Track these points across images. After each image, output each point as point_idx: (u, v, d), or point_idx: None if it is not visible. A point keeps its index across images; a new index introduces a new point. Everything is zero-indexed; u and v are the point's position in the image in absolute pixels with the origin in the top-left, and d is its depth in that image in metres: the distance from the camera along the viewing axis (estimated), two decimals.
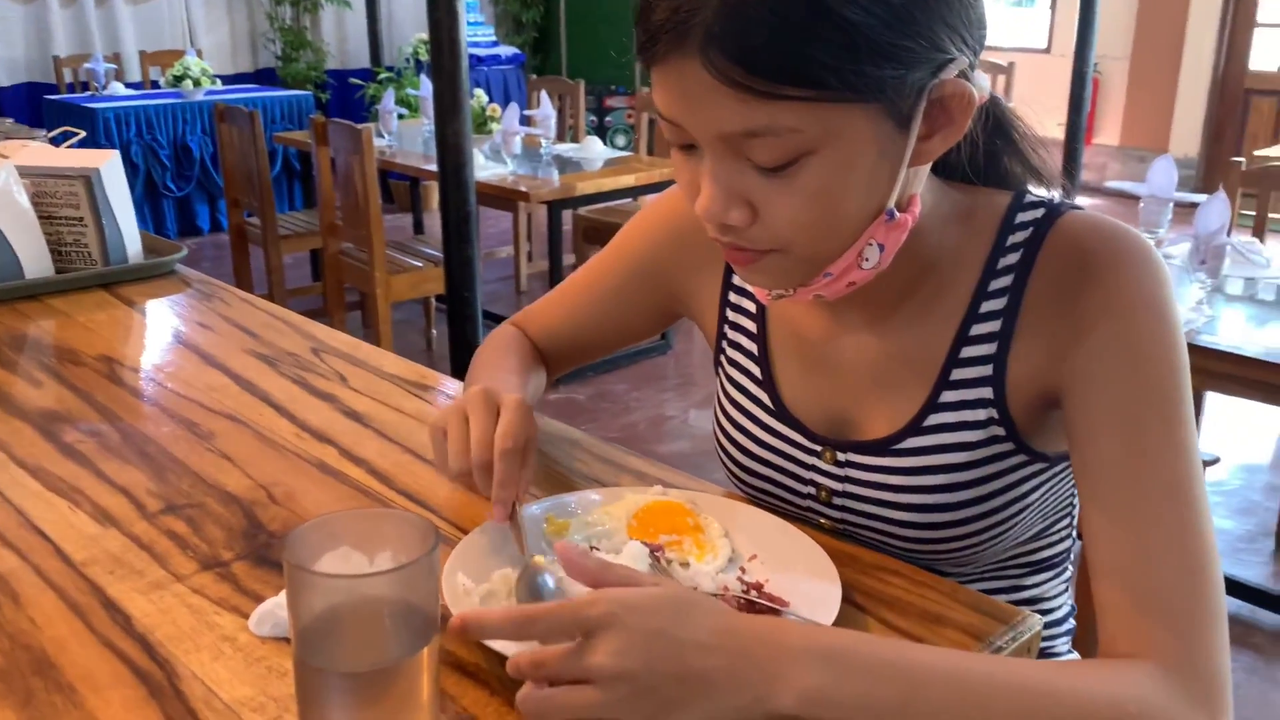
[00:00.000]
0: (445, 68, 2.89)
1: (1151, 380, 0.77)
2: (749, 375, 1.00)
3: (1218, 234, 2.50)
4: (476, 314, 3.11)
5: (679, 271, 1.06)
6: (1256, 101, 6.47)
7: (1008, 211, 0.86)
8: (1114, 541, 0.74)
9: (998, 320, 0.84)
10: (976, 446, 0.86)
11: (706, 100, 0.70)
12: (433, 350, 4.41)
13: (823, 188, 0.73)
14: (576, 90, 5.22)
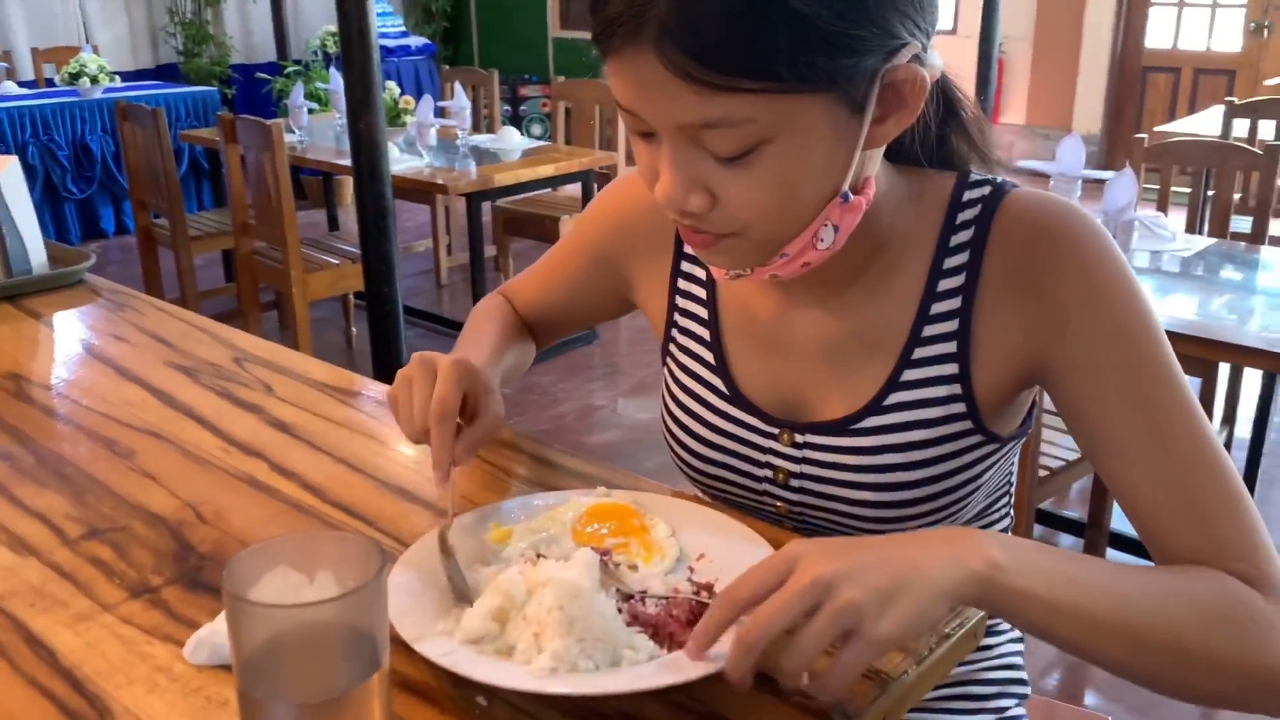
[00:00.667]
0: (356, 60, 2.83)
1: (1147, 351, 0.81)
2: (701, 361, 0.99)
3: (1126, 209, 2.56)
4: (397, 310, 3.06)
5: (628, 259, 1.07)
6: (1153, 78, 6.66)
7: (955, 191, 0.88)
8: (1168, 503, 0.79)
9: (957, 298, 0.86)
10: (936, 424, 0.87)
11: (662, 92, 0.71)
12: (353, 348, 4.33)
13: (779, 175, 0.75)
14: (490, 80, 5.16)
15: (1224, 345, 2.13)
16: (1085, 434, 0.83)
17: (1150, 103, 6.67)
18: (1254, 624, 0.72)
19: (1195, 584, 0.74)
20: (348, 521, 0.94)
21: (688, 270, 1.01)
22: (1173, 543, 0.79)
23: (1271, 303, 2.34)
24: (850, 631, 0.64)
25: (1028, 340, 0.84)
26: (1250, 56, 6.25)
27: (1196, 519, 0.78)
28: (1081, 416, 0.83)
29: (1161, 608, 0.72)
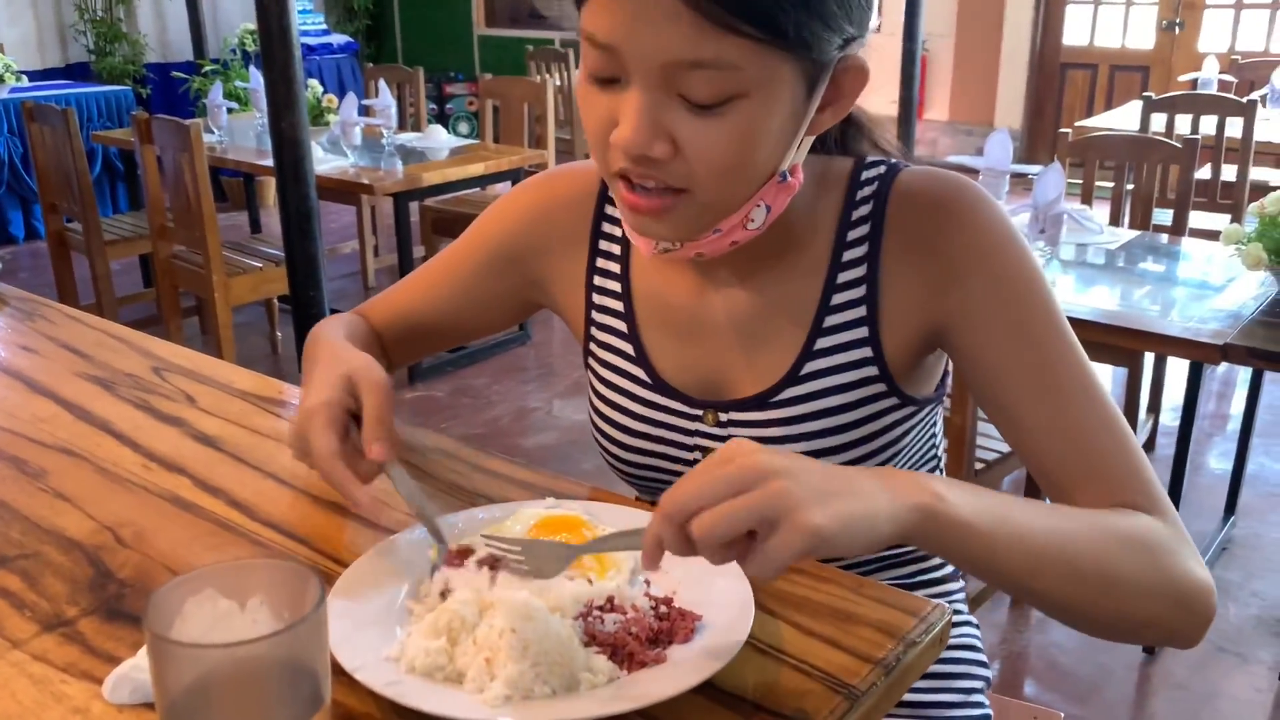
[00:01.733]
0: (277, 58, 2.75)
1: (1034, 303, 0.86)
2: (621, 354, 1.00)
3: (1055, 203, 2.59)
4: (323, 313, 2.98)
5: (540, 258, 1.05)
6: (1071, 74, 6.79)
7: (853, 172, 0.93)
8: (1064, 446, 0.83)
9: (862, 266, 0.90)
10: (852, 388, 0.91)
11: (663, 24, 0.72)
12: (279, 354, 4.22)
13: (745, 131, 0.77)
14: (416, 78, 5.07)
15: (1149, 335, 2.17)
16: (983, 385, 0.88)
17: (1069, 98, 6.80)
18: (1162, 547, 0.78)
19: (1109, 516, 0.78)
20: (280, 541, 0.89)
21: (603, 266, 1.02)
22: (1071, 482, 0.83)
23: (1193, 293, 2.38)
24: (774, 521, 0.61)
25: (928, 299, 0.89)
26: (1163, 53, 6.40)
27: (1092, 459, 0.82)
28: (978, 367, 0.87)
29: (1090, 537, 0.75)
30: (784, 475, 0.63)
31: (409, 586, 0.78)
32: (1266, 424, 3.34)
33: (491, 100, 4.80)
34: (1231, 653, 2.38)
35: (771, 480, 0.62)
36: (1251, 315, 2.14)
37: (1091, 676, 2.34)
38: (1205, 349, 2.05)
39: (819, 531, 0.61)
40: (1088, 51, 6.70)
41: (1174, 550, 0.78)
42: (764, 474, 0.62)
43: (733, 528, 0.61)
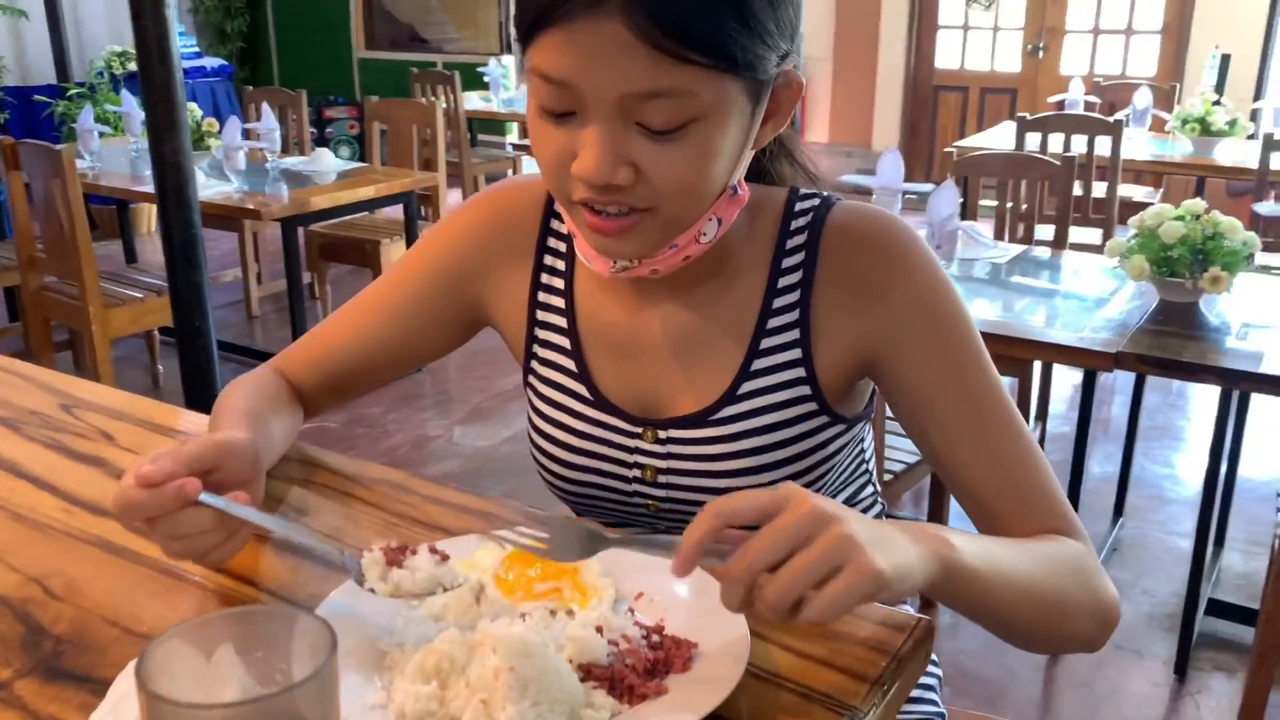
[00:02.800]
0: (157, 81, 2.66)
1: (963, 339, 0.90)
2: (563, 370, 1.01)
3: (949, 220, 2.66)
4: (210, 344, 2.89)
5: (485, 276, 1.05)
6: (944, 96, 7.05)
7: (787, 203, 0.96)
8: (992, 475, 0.88)
9: (795, 292, 0.94)
10: (786, 407, 0.94)
11: (619, 59, 0.74)
12: (161, 387, 4.04)
13: (702, 151, 0.79)
14: (299, 101, 4.94)
15: (1046, 345, 2.24)
16: (912, 418, 0.92)
17: (942, 119, 7.05)
18: (1090, 570, 0.85)
19: (1049, 546, 0.84)
20: (228, 585, 0.83)
21: (546, 282, 1.02)
22: (999, 511, 0.88)
23: (1081, 304, 2.48)
24: (839, 566, 0.62)
25: (858, 330, 0.92)
26: (1028, 75, 6.70)
27: (1019, 489, 0.88)
28: (908, 401, 0.92)
29: (1049, 571, 0.81)
30: (841, 521, 0.64)
31: (378, 628, 0.74)
32: (1145, 428, 3.49)
33: (378, 123, 4.71)
34: (1129, 650, 2.47)
35: (832, 526, 0.63)
36: (1138, 324, 2.23)
37: (999, 679, 2.40)
38: (1099, 357, 2.13)
39: (882, 575, 0.62)
40: (959, 74, 6.96)
41: (1097, 572, 0.85)
42: (823, 520, 0.63)
43: (806, 585, 0.62)
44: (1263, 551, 2.84)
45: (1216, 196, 4.55)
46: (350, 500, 0.98)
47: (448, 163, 4.98)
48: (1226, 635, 2.51)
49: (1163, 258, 2.29)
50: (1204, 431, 3.70)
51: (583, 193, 0.81)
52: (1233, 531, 2.90)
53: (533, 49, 0.78)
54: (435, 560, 0.75)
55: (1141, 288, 2.44)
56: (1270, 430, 3.57)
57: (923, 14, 6.92)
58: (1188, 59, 6.06)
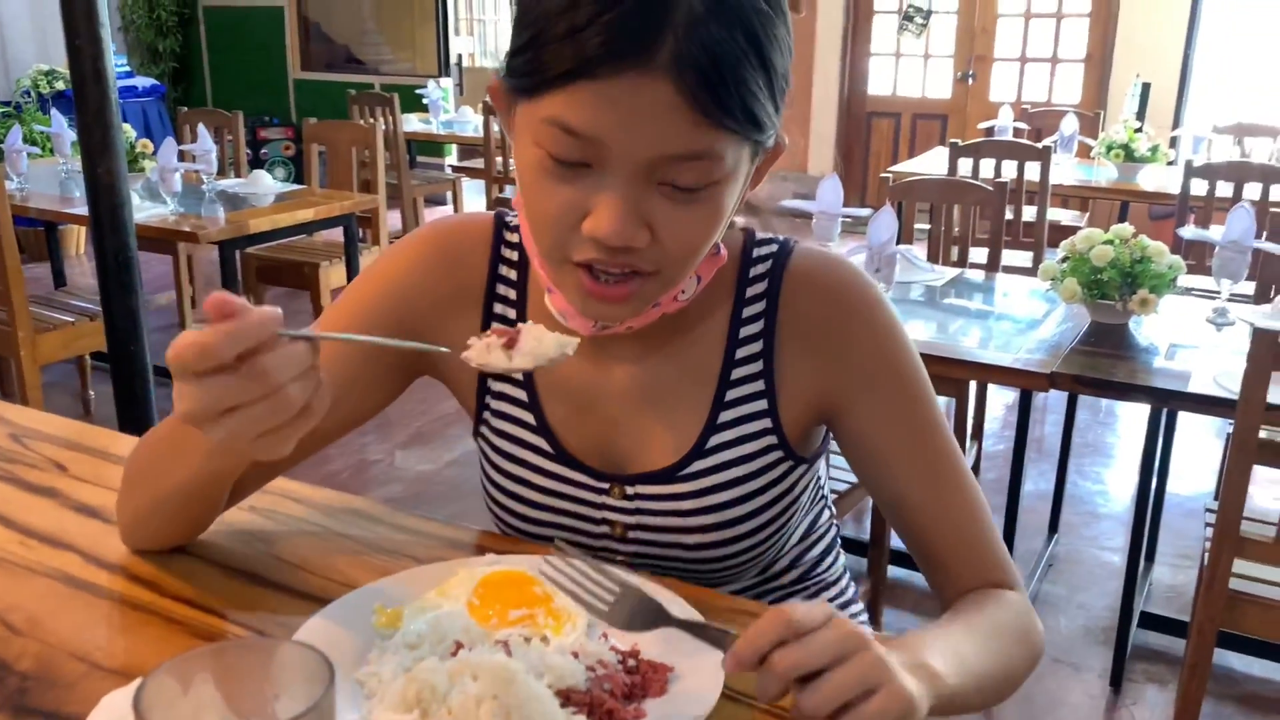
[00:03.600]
0: (91, 102, 2.61)
1: (920, 395, 0.92)
2: (521, 424, 0.97)
3: (888, 244, 2.72)
4: (145, 369, 2.84)
5: (429, 324, 0.97)
6: (876, 122, 7.18)
7: (744, 249, 0.95)
8: (942, 528, 0.92)
9: (758, 342, 0.93)
10: (755, 458, 0.93)
11: (661, 120, 0.72)
12: (93, 414, 3.95)
13: (715, 212, 0.79)
14: (235, 122, 4.88)
15: (984, 366, 2.30)
16: (868, 468, 0.94)
17: (875, 145, 7.18)
18: (1028, 626, 0.89)
19: (998, 616, 0.87)
20: (195, 616, 0.83)
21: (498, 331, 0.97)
22: (947, 562, 0.92)
23: (1015, 325, 2.55)
24: (871, 689, 0.64)
25: (820, 385, 0.93)
26: (959, 102, 6.86)
27: (968, 543, 0.92)
28: (865, 454, 0.94)
29: (1001, 652, 0.84)
30: (875, 646, 0.66)
31: (354, 658, 0.74)
32: (1077, 445, 3.58)
33: (316, 145, 4.67)
34: (1066, 663, 2.53)
35: (869, 650, 0.65)
36: (1071, 345, 2.30)
37: None
38: (1035, 378, 2.20)
39: (913, 701, 0.65)
40: (891, 101, 7.10)
41: (1033, 622, 0.90)
42: (862, 643, 0.65)
43: (842, 700, 0.64)
44: (1190, 565, 2.93)
45: (1139, 219, 4.70)
46: (314, 529, 0.97)
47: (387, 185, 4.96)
48: (1159, 647, 2.58)
49: (1093, 280, 2.37)
50: (1133, 448, 3.81)
51: (589, 253, 0.78)
52: (1162, 546, 2.98)
53: (553, 98, 0.73)
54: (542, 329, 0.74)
55: (1072, 309, 2.51)
56: (1195, 446, 3.68)
57: (856, 41, 7.06)
58: (1110, 87, 6.26)
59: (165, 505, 0.88)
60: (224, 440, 0.65)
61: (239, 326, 0.63)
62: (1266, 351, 1.74)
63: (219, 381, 0.63)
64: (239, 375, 0.63)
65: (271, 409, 0.64)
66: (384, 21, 7.84)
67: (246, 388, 0.63)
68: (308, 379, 0.66)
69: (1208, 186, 3.91)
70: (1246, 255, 2.50)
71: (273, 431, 0.65)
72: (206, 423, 0.64)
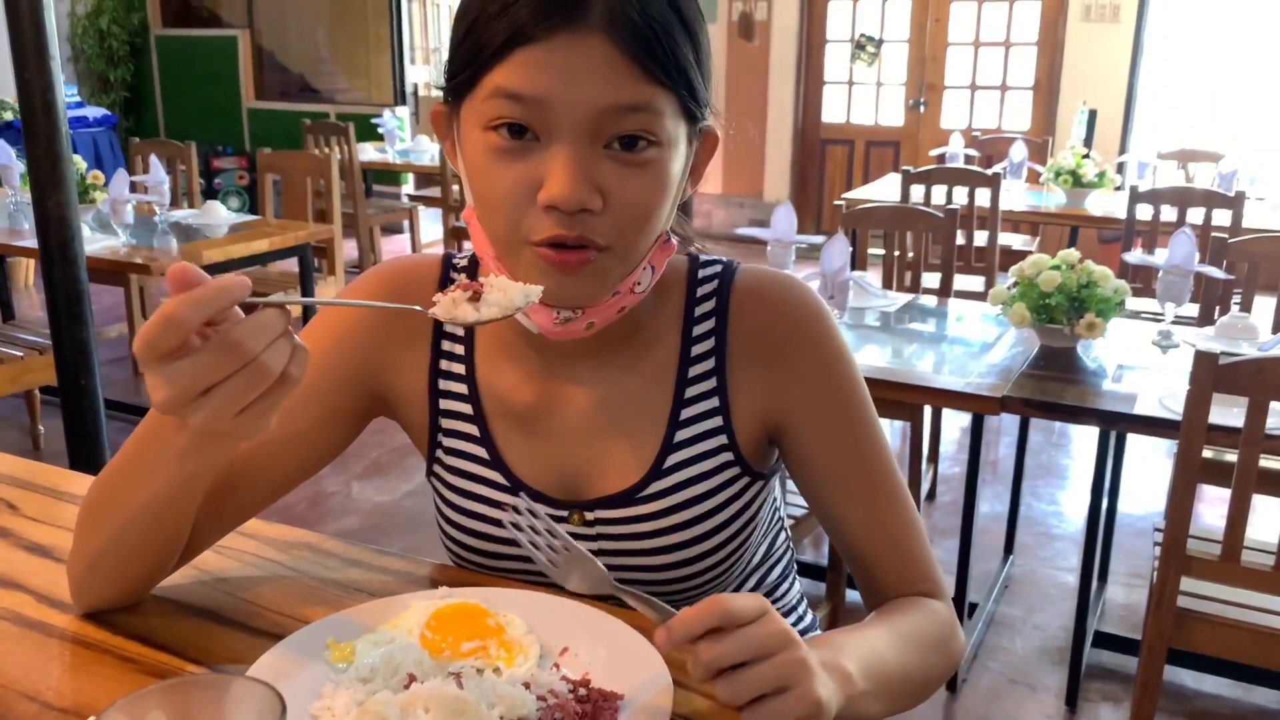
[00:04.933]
0: (41, 134, 2.59)
1: (858, 410, 0.96)
2: (473, 458, 0.97)
3: (841, 271, 2.76)
4: (97, 403, 2.80)
5: (380, 365, 0.97)
6: (831, 149, 7.28)
7: (690, 270, 0.98)
8: (877, 540, 0.95)
9: (709, 360, 0.95)
10: (712, 475, 0.94)
11: (601, 72, 0.77)
12: (43, 450, 3.89)
13: (660, 180, 0.81)
14: (188, 152, 4.85)
15: (936, 390, 2.34)
16: (809, 481, 0.97)
17: (830, 171, 7.28)
18: (949, 633, 0.93)
19: (921, 624, 0.91)
20: (148, 655, 0.82)
21: (446, 368, 0.98)
22: (879, 572, 0.96)
23: (967, 350, 2.59)
24: (785, 688, 0.67)
25: (770, 401, 0.95)
26: (911, 129, 6.98)
27: (901, 555, 0.95)
28: (807, 469, 0.96)
29: (919, 658, 0.88)
30: (800, 647, 0.69)
31: (307, 691, 0.74)
32: (1030, 467, 3.63)
33: (271, 174, 4.65)
34: (1023, 684, 2.56)
35: (791, 650, 0.69)
36: (1021, 369, 2.34)
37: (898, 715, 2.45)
38: (986, 401, 2.23)
39: (820, 705, 0.68)
40: (845, 128, 7.20)
41: (954, 632, 0.94)
42: (788, 642, 0.69)
43: (755, 693, 0.67)
44: (1142, 584, 2.98)
45: (1088, 244, 4.80)
46: (268, 565, 0.97)
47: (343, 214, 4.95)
48: (1112, 666, 2.62)
49: (1041, 305, 2.42)
50: (1085, 469, 3.87)
51: (548, 229, 0.79)
52: (1115, 565, 3.03)
53: (494, 74, 0.78)
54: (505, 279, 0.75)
55: (1022, 334, 2.56)
56: (1144, 467, 3.75)
57: (809, 70, 7.16)
58: (1058, 114, 6.39)
59: (128, 534, 0.82)
60: (205, 422, 0.64)
61: (202, 292, 0.62)
62: (1207, 373, 1.79)
63: (191, 361, 0.63)
64: (210, 350, 0.63)
65: (249, 380, 0.64)
66: (339, 51, 7.84)
67: (220, 361, 0.63)
68: (282, 344, 0.65)
69: (1153, 211, 4.00)
70: (1189, 279, 2.56)
71: (253, 405, 0.65)
72: (184, 407, 0.64)
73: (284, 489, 0.95)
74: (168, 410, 0.64)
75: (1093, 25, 6.24)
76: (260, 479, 0.93)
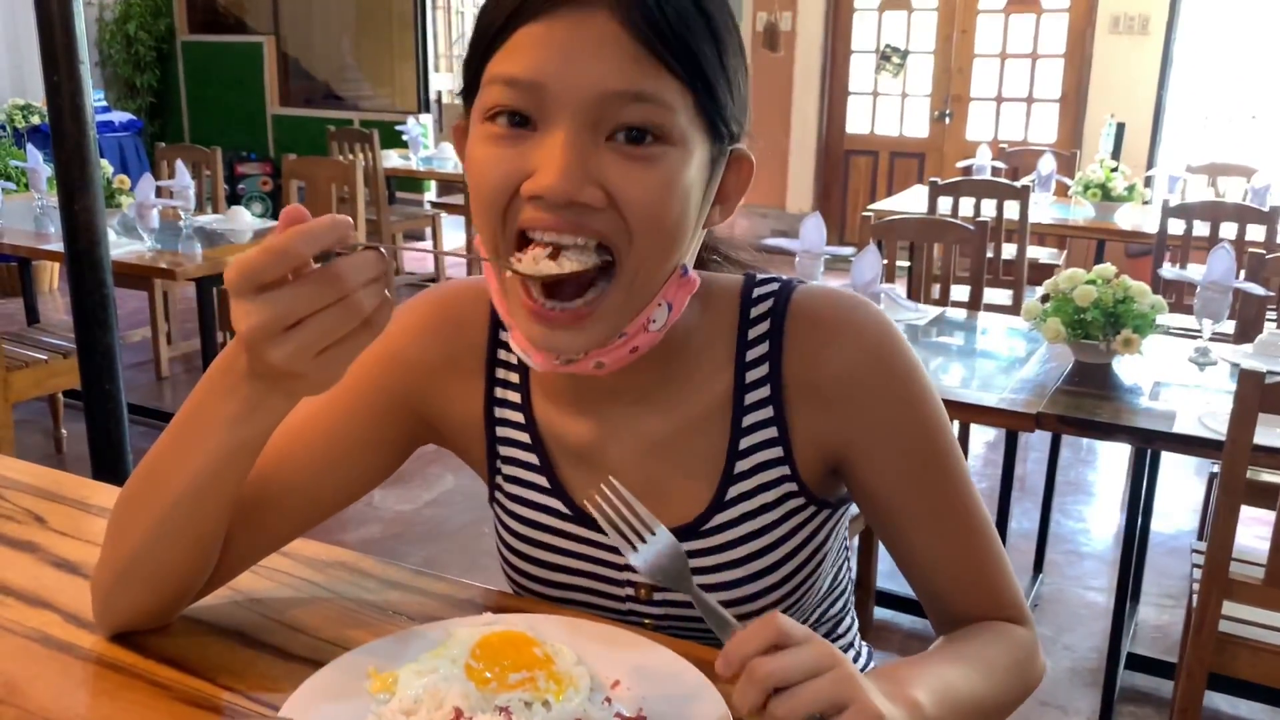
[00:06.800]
0: (69, 138, 2.60)
1: (934, 438, 0.88)
2: (535, 487, 0.94)
3: (872, 283, 2.72)
4: (120, 408, 2.81)
5: (432, 392, 0.94)
6: (855, 160, 7.24)
7: (743, 290, 0.90)
8: (953, 571, 0.90)
9: (765, 387, 0.88)
10: (776, 506, 0.89)
11: (605, 53, 0.71)
12: (64, 454, 3.88)
13: (672, 180, 0.74)
14: (214, 157, 4.85)
15: (970, 406, 2.29)
16: (879, 514, 0.91)
17: (854, 182, 7.24)
18: (1028, 659, 0.89)
19: (993, 647, 0.87)
20: (182, 680, 0.80)
21: (502, 396, 0.94)
22: (956, 603, 0.90)
23: (997, 365, 2.55)
24: (842, 705, 0.65)
25: (831, 430, 0.88)
26: (936, 141, 6.93)
27: (980, 586, 0.90)
28: (877, 499, 0.90)
29: (991, 682, 0.83)
30: (849, 665, 0.67)
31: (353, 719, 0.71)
32: (1059, 484, 3.58)
33: (296, 180, 4.65)
34: (1054, 706, 2.51)
35: (843, 667, 0.66)
36: (1056, 385, 2.30)
37: None
38: (1021, 418, 2.19)
39: (881, 717, 0.66)
40: (869, 139, 7.16)
41: (1033, 655, 0.90)
42: (837, 660, 0.66)
43: (814, 707, 0.65)
44: (1174, 604, 2.93)
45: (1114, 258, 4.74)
46: (302, 585, 0.95)
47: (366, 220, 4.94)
48: (1145, 689, 2.57)
49: (1076, 320, 2.38)
50: (1113, 485, 3.81)
51: (530, 220, 0.73)
52: (1147, 585, 2.98)
53: (496, 60, 0.73)
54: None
55: (1054, 349, 2.52)
56: (1175, 484, 3.69)
57: (834, 81, 7.13)
58: (1085, 127, 6.34)
59: (167, 524, 0.78)
60: (289, 356, 0.64)
61: (316, 225, 0.63)
62: (1253, 392, 1.74)
63: (291, 289, 0.63)
64: (311, 280, 0.63)
65: (343, 315, 0.64)
66: (363, 58, 7.86)
67: (321, 292, 0.63)
68: (376, 287, 0.66)
69: (1185, 226, 3.94)
70: (1228, 295, 2.51)
71: (333, 349, 0.65)
72: (269, 340, 0.64)
73: (322, 513, 0.92)
74: (255, 338, 0.64)
75: (1121, 37, 6.18)
76: (299, 500, 0.90)
